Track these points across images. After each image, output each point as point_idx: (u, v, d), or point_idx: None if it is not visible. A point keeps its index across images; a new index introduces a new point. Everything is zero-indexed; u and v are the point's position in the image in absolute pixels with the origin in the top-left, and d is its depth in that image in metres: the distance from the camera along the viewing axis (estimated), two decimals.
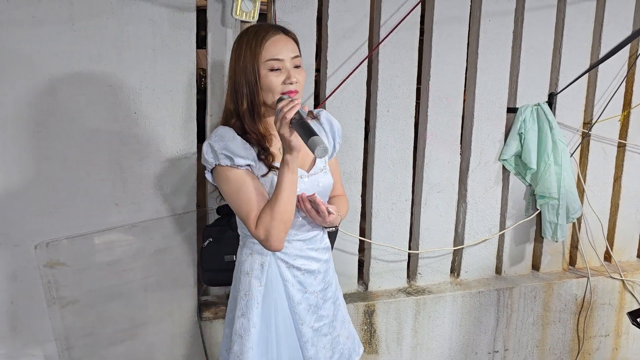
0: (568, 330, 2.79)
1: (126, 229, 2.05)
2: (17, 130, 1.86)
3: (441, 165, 2.48)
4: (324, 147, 1.26)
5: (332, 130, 1.60)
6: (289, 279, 1.51)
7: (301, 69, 1.45)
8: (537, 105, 2.53)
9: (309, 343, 1.54)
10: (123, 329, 2.11)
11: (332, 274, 1.64)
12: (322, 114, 1.61)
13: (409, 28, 2.28)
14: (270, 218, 1.37)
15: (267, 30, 1.42)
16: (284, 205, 1.36)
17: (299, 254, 1.52)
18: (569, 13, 2.53)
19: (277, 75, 1.40)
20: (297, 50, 1.45)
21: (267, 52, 1.40)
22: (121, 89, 1.94)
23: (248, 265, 1.52)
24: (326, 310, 1.59)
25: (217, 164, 1.42)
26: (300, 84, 1.43)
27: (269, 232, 1.37)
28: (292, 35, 1.47)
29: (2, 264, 1.93)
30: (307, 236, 1.53)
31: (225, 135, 1.42)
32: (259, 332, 1.49)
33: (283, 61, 1.41)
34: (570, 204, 2.56)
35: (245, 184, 1.40)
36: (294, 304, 1.52)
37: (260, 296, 1.49)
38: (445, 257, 2.60)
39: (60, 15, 1.84)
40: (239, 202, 1.41)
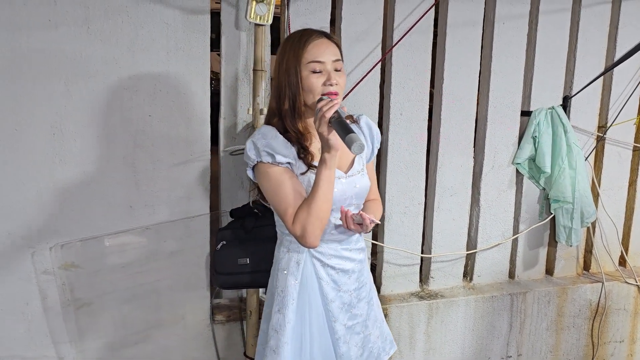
0: (582, 335, 2.76)
1: (139, 231, 2.06)
2: (32, 133, 1.88)
3: (454, 169, 2.46)
4: (360, 143, 1.29)
5: (371, 134, 1.65)
6: (324, 277, 1.55)
7: (342, 72, 1.49)
8: (552, 108, 2.51)
9: (341, 340, 1.57)
10: (136, 331, 2.12)
11: (366, 275, 1.67)
12: (362, 119, 1.65)
13: (422, 31, 2.28)
14: (307, 215, 1.40)
15: (310, 34, 1.48)
16: (320, 202, 1.40)
17: (334, 253, 1.56)
18: (584, 16, 2.51)
19: (318, 77, 1.45)
20: (339, 54, 1.49)
21: (309, 54, 1.45)
22: (136, 91, 1.95)
23: (285, 263, 1.56)
24: (360, 310, 1.62)
25: (259, 160, 1.46)
26: (341, 86, 1.47)
27: (305, 228, 1.41)
28: (334, 40, 1.51)
29: (18, 266, 1.94)
30: (342, 237, 1.56)
31: (267, 134, 1.47)
32: (293, 328, 1.53)
33: (324, 63, 1.45)
34: (584, 208, 2.54)
35: (285, 182, 1.45)
36: (328, 302, 1.55)
37: (295, 293, 1.53)
38: (458, 261, 2.58)
39: (76, 19, 1.86)
40: (278, 199, 1.45)
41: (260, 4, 1.90)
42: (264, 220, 1.93)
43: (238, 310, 2.24)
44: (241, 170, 2.16)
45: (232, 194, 2.17)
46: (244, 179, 2.16)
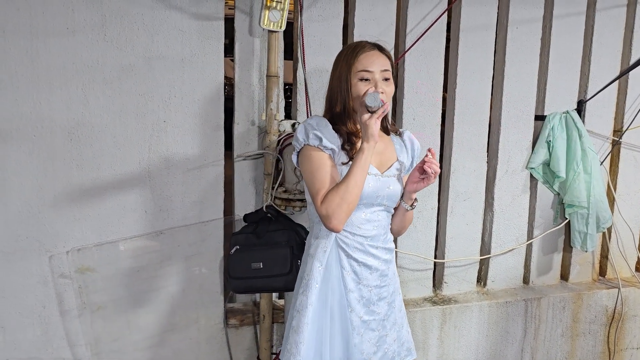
0: (598, 342, 2.73)
1: (153, 236, 2.08)
2: (50, 138, 1.91)
3: (467, 174, 2.46)
4: (371, 95, 1.45)
5: (413, 148, 1.75)
6: (346, 267, 1.61)
7: (390, 81, 1.60)
8: (566, 112, 2.49)
9: (355, 331, 1.62)
10: (150, 335, 2.14)
11: (391, 277, 1.71)
12: (405, 133, 1.76)
13: (435, 36, 2.28)
14: (335, 196, 1.50)
15: (363, 45, 1.61)
16: (351, 187, 1.49)
17: (359, 247, 1.61)
18: (599, 19, 2.50)
19: (366, 84, 1.56)
20: (388, 65, 1.60)
21: (359, 64, 1.57)
22: (151, 97, 1.98)
23: (313, 249, 1.64)
24: (379, 308, 1.66)
25: (306, 143, 1.58)
26: (388, 95, 1.58)
27: (332, 209, 1.49)
28: (386, 52, 1.63)
29: (35, 269, 1.97)
30: (370, 234, 1.62)
31: (320, 122, 1.60)
32: (315, 310, 1.60)
33: (372, 73, 1.56)
34: (600, 213, 2.52)
35: (324, 166, 1.55)
36: (347, 291, 1.62)
37: (320, 277, 1.61)
38: (471, 266, 2.57)
39: (92, 26, 1.89)
40: (314, 180, 1.55)
41: (274, 10, 1.91)
42: (277, 225, 1.95)
43: (252, 314, 2.25)
44: (254, 176, 2.17)
45: (245, 198, 2.18)
46: (258, 184, 2.18)
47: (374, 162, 1.62)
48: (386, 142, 1.69)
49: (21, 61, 1.84)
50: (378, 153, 1.63)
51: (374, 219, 1.63)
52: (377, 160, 1.63)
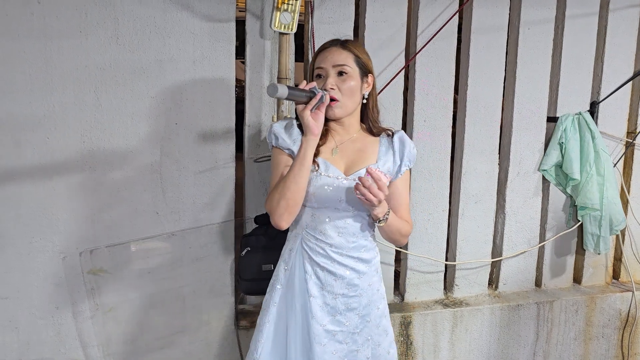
0: (612, 346, 2.70)
1: (165, 237, 2.09)
2: (63, 140, 1.93)
3: (479, 176, 2.44)
4: (273, 85, 1.33)
5: (402, 150, 1.61)
6: (309, 271, 1.56)
7: (347, 76, 1.53)
8: (579, 114, 2.47)
9: (315, 340, 1.53)
10: (161, 336, 2.15)
11: (365, 288, 1.59)
12: (397, 134, 1.64)
13: (446, 37, 2.27)
14: (275, 191, 1.48)
15: (325, 44, 1.60)
16: (288, 182, 1.45)
17: (322, 252, 1.55)
18: (612, 20, 2.48)
19: (320, 81, 1.55)
20: (347, 60, 1.54)
21: (316, 61, 1.57)
22: (163, 100, 1.99)
23: (284, 249, 1.63)
24: (347, 319, 1.57)
25: (271, 143, 1.58)
26: (343, 91, 1.52)
27: (272, 206, 1.48)
28: (349, 47, 1.56)
29: (48, 270, 1.99)
30: (334, 241, 1.54)
31: (286, 122, 1.59)
32: (278, 310, 1.58)
33: (324, 69, 1.54)
34: (613, 216, 2.49)
35: (280, 165, 1.54)
36: (309, 296, 1.55)
37: (284, 279, 1.59)
38: (483, 268, 2.55)
39: (105, 29, 1.90)
40: (271, 178, 1.56)
41: (285, 12, 1.92)
42: None
43: None
44: (265, 177, 2.17)
45: (256, 200, 2.19)
46: (268, 185, 2.18)
47: (341, 165, 1.55)
48: (366, 143, 1.60)
49: (35, 64, 1.86)
50: (348, 155, 1.56)
51: (340, 226, 1.54)
52: (346, 162, 1.56)
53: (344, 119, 1.57)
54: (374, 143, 1.61)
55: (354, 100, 1.55)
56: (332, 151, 1.56)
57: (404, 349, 2.40)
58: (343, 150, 1.57)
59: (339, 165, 1.55)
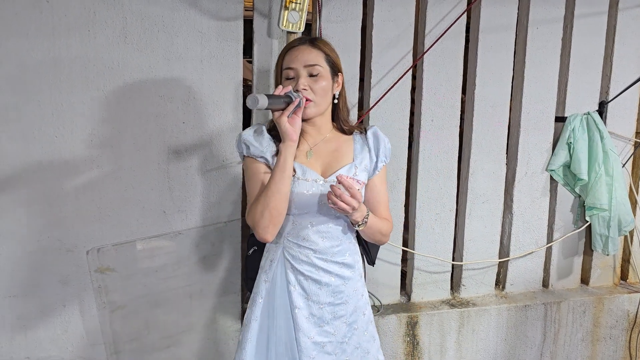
0: (619, 347, 2.68)
1: (172, 236, 2.09)
2: (71, 139, 1.93)
3: (486, 175, 2.43)
4: (253, 96, 1.30)
5: (377, 146, 1.57)
6: (292, 281, 1.50)
7: (319, 77, 1.47)
8: (587, 114, 2.46)
9: (303, 353, 1.48)
10: (168, 335, 2.15)
11: (351, 294, 1.54)
12: (370, 130, 1.59)
13: (454, 37, 2.26)
14: (257, 203, 1.41)
15: (292, 42, 1.53)
16: (270, 194, 1.39)
17: (306, 260, 1.49)
18: (621, 19, 2.46)
19: (291, 82, 1.47)
20: (318, 59, 1.47)
21: (284, 62, 1.49)
22: (171, 99, 1.99)
23: (263, 260, 1.57)
24: (335, 329, 1.52)
25: (240, 152, 1.51)
26: (316, 91, 1.46)
27: (254, 218, 1.41)
28: (319, 45, 1.50)
29: (56, 268, 2.00)
30: (316, 246, 1.49)
31: (255, 129, 1.52)
32: (259, 325, 1.51)
33: (295, 69, 1.47)
34: (622, 216, 2.47)
35: (256, 175, 1.47)
36: (293, 308, 1.49)
37: (264, 291, 1.52)
38: (490, 269, 2.54)
39: (113, 28, 1.91)
40: (248, 190, 1.49)
41: (293, 11, 1.92)
42: None
43: None
44: None
45: None
46: None
47: (317, 167, 1.49)
48: (340, 142, 1.54)
49: (44, 63, 1.87)
50: (323, 156, 1.51)
51: (323, 230, 1.48)
52: (322, 164, 1.50)
53: (316, 120, 1.50)
54: (347, 142, 1.56)
55: (327, 100, 1.50)
56: (306, 154, 1.50)
57: (410, 349, 2.40)
58: (317, 152, 1.51)
59: (316, 167, 1.49)
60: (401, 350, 2.38)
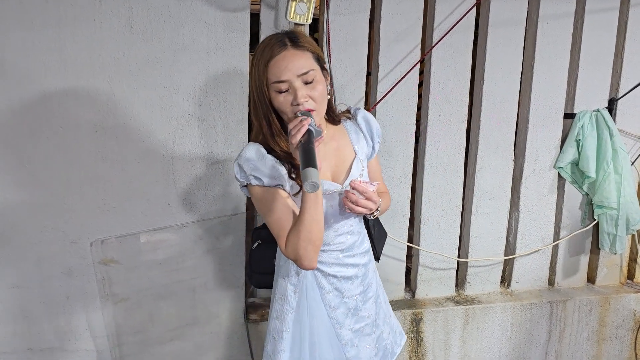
0: (625, 347, 2.66)
1: (176, 229, 2.08)
2: (76, 130, 1.92)
3: (493, 172, 2.41)
4: (313, 182, 1.16)
5: (370, 130, 1.54)
6: (325, 287, 1.50)
7: (315, 82, 1.34)
8: (597, 111, 2.43)
9: (348, 345, 1.53)
10: (171, 328, 2.14)
11: (371, 275, 1.60)
12: (359, 113, 1.55)
13: (462, 31, 2.23)
14: (297, 239, 1.34)
15: (272, 48, 1.32)
16: (308, 225, 1.33)
17: (335, 262, 1.50)
18: (632, 15, 2.42)
19: (286, 96, 1.33)
20: (307, 64, 1.33)
21: (271, 74, 1.32)
22: (176, 90, 1.97)
23: (285, 270, 1.52)
24: (367, 311, 1.57)
25: (248, 183, 1.40)
26: (315, 98, 1.34)
27: (298, 253, 1.35)
28: (301, 44, 1.34)
29: (59, 260, 1.99)
30: (344, 245, 1.50)
31: (253, 155, 1.38)
32: (292, 336, 1.50)
33: (288, 81, 1.32)
34: (630, 215, 2.45)
35: (276, 204, 1.37)
36: (330, 310, 1.51)
37: (294, 302, 1.50)
38: (495, 266, 2.52)
39: (119, 18, 1.89)
40: (270, 222, 1.39)
41: (300, 3, 1.89)
42: None
43: None
44: None
45: None
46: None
47: (327, 174, 1.44)
48: (336, 136, 1.48)
49: (49, 53, 1.85)
50: (329, 159, 1.45)
51: (347, 231, 1.50)
52: (330, 167, 1.45)
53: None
54: (342, 133, 1.51)
55: (325, 102, 1.39)
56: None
57: (414, 346, 2.38)
58: (322, 157, 1.42)
59: (327, 175, 1.45)
60: (405, 347, 2.37)
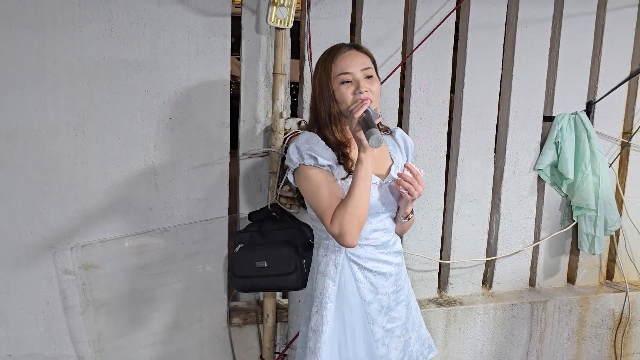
0: (605, 346, 2.70)
1: (158, 233, 2.07)
2: (55, 134, 1.91)
3: (474, 174, 2.43)
4: (377, 137, 1.36)
5: (406, 147, 1.71)
6: (361, 280, 1.58)
7: (374, 79, 1.54)
8: (575, 113, 2.46)
9: (379, 342, 1.60)
10: (153, 332, 2.13)
11: (404, 278, 1.69)
12: (397, 132, 1.72)
13: (443, 35, 2.26)
14: (344, 213, 1.45)
15: (338, 48, 1.57)
16: (357, 200, 1.45)
17: (371, 257, 1.59)
18: (609, 19, 2.47)
19: (348, 87, 1.51)
20: (369, 63, 1.55)
21: (337, 67, 1.52)
22: (157, 94, 1.97)
23: (323, 266, 1.60)
24: (398, 313, 1.65)
25: (302, 163, 1.53)
26: (373, 92, 1.52)
27: (343, 227, 1.45)
28: (364, 50, 1.58)
29: (39, 265, 1.97)
30: (378, 241, 1.59)
31: (311, 139, 1.55)
32: (332, 329, 1.56)
33: (352, 73, 1.51)
34: (608, 216, 2.49)
35: (325, 183, 1.51)
36: (366, 304, 1.59)
37: (333, 295, 1.57)
38: (477, 267, 2.55)
39: (99, 22, 1.88)
40: (318, 200, 1.50)
41: (281, 7, 1.90)
42: (282, 223, 1.93)
43: (255, 313, 2.24)
44: (260, 174, 2.16)
45: (250, 197, 2.17)
46: (263, 182, 2.17)
47: (373, 171, 1.56)
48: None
49: (28, 56, 1.84)
50: (375, 160, 1.56)
51: (381, 227, 1.60)
52: (375, 168, 1.58)
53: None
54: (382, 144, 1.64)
55: (379, 99, 1.58)
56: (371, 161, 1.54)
57: None
58: None
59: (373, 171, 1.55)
60: None
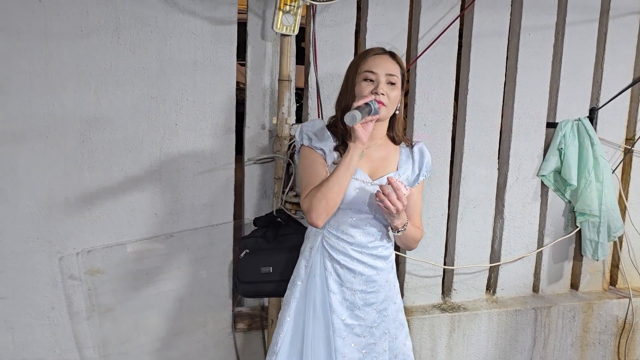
0: (608, 352, 2.70)
1: (163, 238, 2.08)
2: (62, 139, 1.92)
3: (478, 180, 2.44)
4: (351, 114, 1.41)
5: (422, 160, 1.72)
6: (329, 269, 1.63)
7: (396, 87, 1.59)
8: (578, 120, 2.48)
9: (336, 334, 1.62)
10: (158, 338, 2.13)
11: (382, 284, 1.67)
12: (417, 145, 1.74)
13: (447, 42, 2.27)
14: (317, 191, 1.51)
15: (374, 49, 1.65)
16: (331, 184, 1.49)
17: (342, 250, 1.62)
18: (612, 27, 2.48)
19: (368, 84, 1.58)
20: (396, 71, 1.60)
21: (366, 64, 1.59)
22: (164, 100, 1.98)
23: (303, 247, 1.70)
24: (366, 314, 1.65)
25: (301, 143, 1.64)
26: (391, 98, 1.57)
27: (312, 203, 1.51)
28: (398, 59, 1.64)
29: (45, 270, 1.98)
30: (354, 239, 1.61)
31: (315, 123, 1.66)
32: (297, 306, 1.64)
33: (377, 74, 1.57)
34: (611, 222, 2.49)
35: (315, 165, 1.59)
36: (329, 292, 1.62)
37: (305, 275, 1.65)
38: (481, 273, 2.55)
39: (106, 29, 1.89)
40: (304, 176, 1.61)
41: (287, 14, 1.92)
42: (287, 229, 1.94)
43: (260, 318, 2.24)
44: (265, 179, 2.17)
45: (255, 202, 2.18)
46: (268, 188, 2.17)
47: (366, 169, 1.61)
48: (389, 150, 1.68)
49: (35, 62, 1.85)
50: (372, 160, 1.63)
51: (362, 226, 1.61)
52: (370, 167, 1.63)
53: (377, 124, 1.59)
54: (395, 151, 1.68)
55: (394, 108, 1.62)
56: (359, 155, 1.57)
57: None
58: (368, 155, 1.63)
59: (364, 169, 1.61)
60: None
